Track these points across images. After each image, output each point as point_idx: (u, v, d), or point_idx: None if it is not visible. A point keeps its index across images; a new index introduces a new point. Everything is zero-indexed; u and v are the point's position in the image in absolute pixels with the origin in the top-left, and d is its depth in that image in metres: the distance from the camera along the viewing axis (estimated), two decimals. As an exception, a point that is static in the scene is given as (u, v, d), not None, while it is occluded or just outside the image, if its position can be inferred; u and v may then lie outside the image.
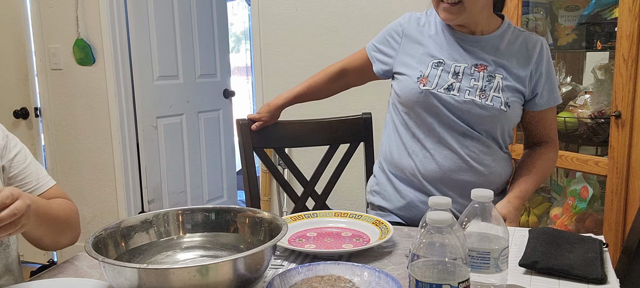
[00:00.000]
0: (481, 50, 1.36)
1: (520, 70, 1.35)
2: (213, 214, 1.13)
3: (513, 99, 1.35)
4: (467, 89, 1.33)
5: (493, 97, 1.32)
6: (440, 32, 1.40)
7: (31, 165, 1.17)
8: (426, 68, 1.36)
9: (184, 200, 3.44)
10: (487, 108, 1.32)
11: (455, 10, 1.29)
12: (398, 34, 1.44)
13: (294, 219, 1.29)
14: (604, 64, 1.89)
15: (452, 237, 0.77)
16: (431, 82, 1.34)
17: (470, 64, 1.35)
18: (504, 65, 1.35)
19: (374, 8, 2.48)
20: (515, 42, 1.38)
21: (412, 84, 1.36)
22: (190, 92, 3.41)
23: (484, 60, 1.35)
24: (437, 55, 1.37)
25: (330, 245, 1.15)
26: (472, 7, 1.29)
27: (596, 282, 0.93)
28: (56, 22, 2.98)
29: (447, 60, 1.36)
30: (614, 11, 1.84)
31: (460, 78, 1.34)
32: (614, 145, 1.72)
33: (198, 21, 3.40)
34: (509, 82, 1.34)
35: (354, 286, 0.91)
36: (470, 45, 1.37)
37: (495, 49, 1.37)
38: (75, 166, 3.14)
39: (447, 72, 1.35)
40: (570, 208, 1.96)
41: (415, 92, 1.35)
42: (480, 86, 1.33)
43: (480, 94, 1.33)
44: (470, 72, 1.34)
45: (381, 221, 1.24)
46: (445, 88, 1.33)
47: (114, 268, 0.84)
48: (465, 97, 1.33)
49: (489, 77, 1.34)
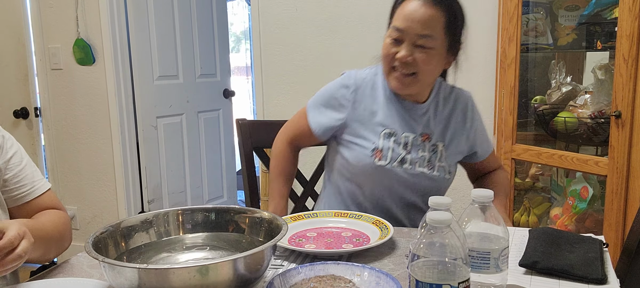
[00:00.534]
0: (424, 118, 1.36)
1: (458, 134, 1.39)
2: (213, 214, 1.13)
3: (452, 163, 1.39)
4: (417, 160, 1.33)
5: (438, 167, 1.35)
6: (389, 100, 1.35)
7: (27, 168, 1.15)
8: (379, 139, 1.33)
9: (184, 200, 3.44)
10: (434, 179, 1.34)
11: (407, 81, 1.28)
12: (346, 98, 1.36)
13: (294, 219, 1.29)
14: (604, 63, 1.89)
15: (452, 237, 0.76)
16: (386, 156, 1.32)
17: (417, 134, 1.35)
18: (444, 132, 1.38)
19: (374, 8, 2.48)
20: (449, 101, 1.40)
21: (366, 158, 1.32)
22: (190, 92, 3.41)
23: (428, 129, 1.36)
24: (389, 125, 1.34)
25: (330, 245, 1.15)
26: (424, 79, 1.29)
27: (596, 282, 0.93)
28: (56, 21, 2.98)
29: (398, 130, 1.34)
30: (614, 11, 1.83)
31: (409, 149, 1.33)
32: (614, 145, 1.72)
33: (198, 21, 3.40)
34: (449, 149, 1.38)
35: (354, 286, 0.91)
36: (416, 114, 1.36)
37: (435, 115, 1.38)
38: (75, 166, 3.14)
39: (398, 143, 1.33)
40: (571, 209, 1.96)
41: (370, 167, 1.32)
42: (427, 157, 1.34)
43: (428, 165, 1.34)
44: (418, 143, 1.34)
45: (381, 221, 1.24)
46: (398, 161, 1.32)
47: (114, 268, 0.84)
48: (416, 170, 1.33)
49: (433, 147, 1.36)
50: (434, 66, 1.28)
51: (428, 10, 1.23)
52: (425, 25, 1.23)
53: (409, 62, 1.25)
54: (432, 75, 1.30)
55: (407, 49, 1.25)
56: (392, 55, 1.27)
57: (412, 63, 1.25)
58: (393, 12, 1.30)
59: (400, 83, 1.28)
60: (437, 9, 1.23)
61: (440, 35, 1.25)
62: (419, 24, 1.23)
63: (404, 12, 1.25)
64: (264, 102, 2.76)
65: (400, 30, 1.25)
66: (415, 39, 1.24)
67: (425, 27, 1.23)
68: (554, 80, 2.07)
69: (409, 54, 1.25)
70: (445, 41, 1.27)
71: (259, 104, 2.76)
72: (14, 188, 1.13)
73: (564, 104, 2.01)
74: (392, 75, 1.30)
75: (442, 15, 1.24)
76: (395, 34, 1.27)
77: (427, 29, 1.23)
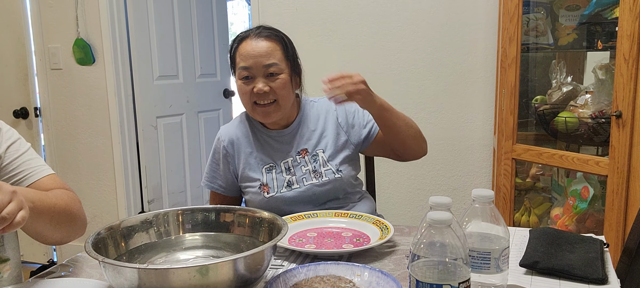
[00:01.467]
0: (296, 138, 1.47)
1: (332, 133, 1.47)
2: (213, 214, 1.13)
3: (341, 160, 1.45)
4: (303, 177, 1.44)
5: (325, 171, 1.44)
6: (259, 138, 1.48)
7: (27, 154, 1.13)
8: (262, 175, 1.44)
9: (184, 200, 3.44)
10: (324, 184, 1.42)
11: (272, 110, 1.39)
12: (227, 152, 1.48)
13: (294, 219, 1.29)
14: (604, 63, 1.88)
15: (452, 237, 0.76)
16: (272, 188, 1.43)
17: (294, 155, 1.46)
18: (319, 139, 1.47)
19: (374, 8, 2.48)
20: (315, 112, 1.51)
21: (257, 195, 1.44)
22: (190, 91, 3.40)
23: (302, 146, 1.47)
24: (265, 159, 1.46)
25: (330, 245, 1.15)
26: (284, 103, 1.40)
27: (597, 282, 0.93)
28: (56, 21, 2.98)
29: (275, 161, 1.46)
30: (614, 11, 1.83)
31: (292, 171, 1.44)
32: (614, 145, 1.72)
33: (198, 21, 3.40)
34: (330, 151, 1.46)
35: (354, 286, 0.90)
36: (285, 139, 1.47)
37: (305, 129, 1.48)
38: (75, 166, 3.14)
39: (280, 171, 1.45)
40: (571, 209, 1.96)
41: (263, 201, 1.43)
42: (311, 168, 1.44)
43: (314, 175, 1.44)
44: (298, 161, 1.45)
45: (381, 221, 1.24)
46: (285, 186, 1.43)
47: (114, 268, 0.84)
48: (305, 185, 1.43)
49: (313, 157, 1.46)
50: (288, 90, 1.40)
51: (265, 43, 1.38)
52: (268, 56, 1.36)
53: (267, 91, 1.37)
54: (289, 98, 1.41)
55: (261, 82, 1.37)
56: (249, 93, 1.39)
57: (269, 91, 1.37)
58: (234, 59, 1.43)
59: (266, 114, 1.40)
60: (271, 41, 1.39)
61: (282, 61, 1.39)
62: (263, 57, 1.36)
63: (245, 52, 1.38)
64: (264, 102, 2.76)
65: (249, 68, 1.37)
66: (264, 71, 1.37)
67: (269, 57, 1.36)
68: (555, 80, 2.06)
69: (264, 85, 1.36)
70: (288, 66, 1.41)
71: (259, 103, 2.76)
72: (12, 171, 1.10)
73: (565, 103, 2.01)
74: (256, 111, 1.41)
75: (276, 45, 1.39)
76: (245, 73, 1.38)
77: (270, 58, 1.37)
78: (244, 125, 1.50)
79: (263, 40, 1.38)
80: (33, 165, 1.13)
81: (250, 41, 1.38)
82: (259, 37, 1.38)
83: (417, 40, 2.48)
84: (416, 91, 2.51)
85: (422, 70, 2.49)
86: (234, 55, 1.42)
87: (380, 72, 2.52)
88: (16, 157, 1.11)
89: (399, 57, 2.51)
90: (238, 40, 1.42)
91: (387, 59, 2.52)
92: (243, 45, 1.39)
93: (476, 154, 2.51)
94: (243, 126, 1.50)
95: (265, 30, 1.41)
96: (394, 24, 2.48)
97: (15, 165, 1.10)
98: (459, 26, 2.41)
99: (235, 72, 1.42)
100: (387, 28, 2.49)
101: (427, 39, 2.46)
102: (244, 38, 1.40)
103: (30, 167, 1.12)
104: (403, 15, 2.46)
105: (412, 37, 2.48)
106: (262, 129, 1.48)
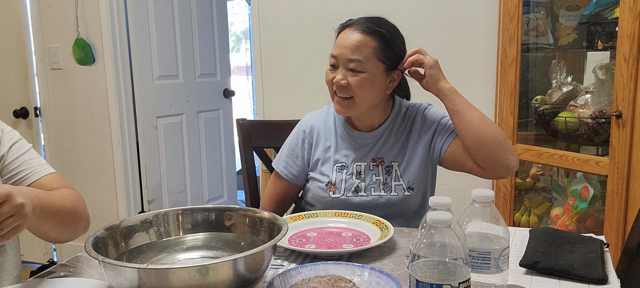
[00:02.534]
0: (376, 145, 1.42)
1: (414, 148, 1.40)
2: (213, 214, 1.13)
3: (413, 179, 1.39)
4: (371, 186, 1.39)
5: (395, 186, 1.39)
6: (341, 134, 1.45)
7: (28, 154, 1.14)
8: (332, 173, 1.42)
9: (184, 200, 3.44)
10: (392, 200, 1.38)
11: (346, 105, 1.35)
12: (305, 141, 1.47)
13: (294, 219, 1.29)
14: (604, 63, 1.89)
15: (452, 237, 0.76)
16: (339, 188, 1.40)
17: (368, 161, 1.41)
18: (400, 151, 1.41)
19: (374, 8, 2.48)
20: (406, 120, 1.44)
21: (322, 192, 1.42)
22: (190, 91, 3.40)
23: (379, 154, 1.42)
24: (340, 159, 1.43)
25: (330, 245, 1.15)
26: (361, 102, 1.34)
27: (597, 282, 0.93)
28: (56, 21, 2.98)
29: (348, 162, 1.42)
30: (614, 11, 1.83)
31: (363, 177, 1.40)
32: (614, 145, 1.72)
33: (198, 20, 3.40)
34: (407, 166, 1.40)
35: (354, 286, 0.90)
36: (365, 143, 1.42)
37: (390, 138, 1.42)
38: (75, 166, 3.14)
39: (351, 174, 1.41)
40: (571, 209, 1.96)
41: (326, 200, 1.41)
42: (382, 180, 1.40)
43: (383, 187, 1.39)
44: (370, 169, 1.41)
45: (381, 221, 1.24)
46: (352, 191, 1.40)
47: (114, 268, 0.84)
48: (371, 194, 1.39)
49: (387, 168, 1.40)
50: (368, 89, 1.33)
51: (357, 36, 1.32)
52: (354, 50, 1.31)
53: (344, 86, 1.32)
54: (369, 98, 1.35)
55: (341, 73, 1.33)
56: (331, 81, 1.36)
57: (346, 86, 1.32)
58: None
59: (341, 106, 1.36)
60: (366, 35, 1.32)
61: (371, 59, 1.31)
62: (348, 50, 1.31)
63: (339, 40, 1.35)
64: (264, 102, 2.76)
65: (335, 57, 1.34)
66: (347, 63, 1.32)
67: (354, 52, 1.31)
68: (555, 80, 2.06)
69: (342, 77, 1.32)
70: (380, 65, 1.33)
71: (259, 103, 2.76)
72: (14, 170, 1.11)
73: (565, 103, 2.01)
74: (334, 100, 1.38)
75: (371, 40, 1.32)
76: (332, 60, 1.36)
77: (355, 54, 1.31)
78: (329, 116, 1.48)
79: (359, 32, 1.32)
80: (34, 164, 1.14)
81: (349, 30, 1.34)
82: (357, 28, 1.33)
83: (417, 40, 2.48)
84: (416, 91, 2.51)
85: (422, 70, 2.49)
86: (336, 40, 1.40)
87: (380, 72, 2.52)
88: (18, 156, 1.12)
89: (399, 57, 2.51)
90: (342, 26, 1.39)
91: (387, 58, 2.52)
92: (342, 34, 1.36)
93: (476, 154, 2.51)
94: (328, 117, 1.48)
95: (367, 22, 1.35)
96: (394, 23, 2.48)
97: (17, 163, 1.12)
98: (459, 26, 2.41)
99: None
100: (387, 28, 2.49)
101: (427, 39, 2.46)
102: (347, 25, 1.37)
103: (32, 166, 1.13)
104: (403, 16, 2.46)
105: (412, 37, 2.48)
106: (345, 125, 1.44)
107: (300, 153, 1.47)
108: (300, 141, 1.47)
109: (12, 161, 1.11)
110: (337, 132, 1.45)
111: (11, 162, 1.11)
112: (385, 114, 1.43)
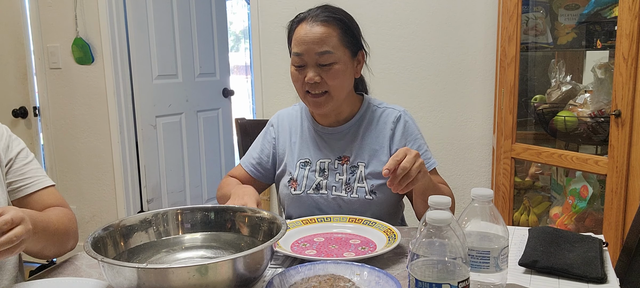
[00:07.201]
0: (342, 141, 1.39)
1: (381, 153, 1.36)
2: (212, 213, 1.13)
3: (379, 184, 1.34)
4: (333, 185, 1.37)
5: (357, 188, 1.35)
6: (307, 130, 1.43)
7: (32, 163, 1.19)
8: (295, 170, 1.40)
9: (183, 200, 3.43)
10: (352, 201, 1.35)
11: (322, 101, 1.32)
12: (271, 135, 1.48)
13: (305, 222, 1.27)
14: (603, 62, 1.89)
15: (452, 236, 0.76)
16: (300, 185, 1.38)
17: (333, 159, 1.39)
18: (367, 152, 1.37)
19: (373, 8, 2.48)
20: (376, 120, 1.40)
21: (285, 188, 1.41)
22: (189, 91, 3.40)
23: (346, 152, 1.39)
24: (304, 155, 1.41)
25: (332, 252, 1.12)
26: (337, 94, 1.32)
27: (596, 282, 0.93)
28: (55, 21, 2.98)
29: (312, 158, 1.40)
30: (613, 10, 1.83)
31: (326, 174, 1.38)
32: (613, 144, 1.72)
33: (197, 20, 3.39)
34: (371, 169, 1.36)
35: (353, 286, 0.90)
36: (332, 139, 1.40)
37: (355, 136, 1.39)
38: (74, 165, 3.14)
39: (314, 171, 1.39)
40: (570, 208, 1.96)
41: (288, 196, 1.40)
42: (345, 180, 1.37)
43: (345, 188, 1.36)
44: (335, 167, 1.38)
45: (392, 230, 1.20)
46: (313, 188, 1.38)
47: (113, 267, 0.84)
48: (333, 194, 1.36)
49: (352, 168, 1.37)
50: (341, 79, 1.31)
51: (319, 28, 1.29)
52: (321, 43, 1.28)
53: (317, 82, 1.30)
54: (343, 88, 1.33)
55: (313, 70, 1.30)
56: (301, 81, 1.32)
57: (320, 83, 1.30)
58: (290, 42, 1.36)
59: (317, 104, 1.33)
60: (328, 25, 1.29)
61: (338, 48, 1.30)
62: (315, 44, 1.28)
63: (298, 37, 1.30)
64: (263, 101, 2.76)
65: (300, 55, 1.30)
66: (316, 59, 1.29)
67: (322, 44, 1.28)
68: (554, 79, 2.06)
69: (315, 75, 1.29)
70: (346, 51, 1.32)
71: (259, 103, 2.76)
72: (17, 180, 1.16)
73: (564, 103, 2.01)
74: (307, 100, 1.35)
75: (334, 29, 1.29)
76: (297, 60, 1.32)
77: (324, 46, 1.28)
78: (297, 112, 1.47)
79: (319, 24, 1.28)
80: (39, 174, 1.19)
81: (306, 25, 1.30)
82: (315, 20, 1.29)
83: (416, 39, 2.48)
84: (416, 90, 2.51)
85: (422, 69, 2.49)
86: (290, 37, 1.35)
87: (380, 72, 2.52)
88: (24, 164, 1.18)
89: (398, 57, 2.51)
90: (295, 22, 1.34)
91: (386, 58, 2.52)
92: (299, 29, 1.31)
93: (475, 153, 2.51)
94: (297, 113, 1.47)
95: (323, 12, 1.31)
96: (394, 23, 2.48)
97: (23, 171, 1.17)
98: (459, 25, 2.41)
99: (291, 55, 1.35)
100: (387, 28, 2.49)
101: (426, 38, 2.46)
102: (301, 20, 1.32)
103: (36, 176, 1.19)
104: (402, 15, 2.46)
105: (412, 36, 2.48)
106: (312, 120, 1.43)
107: (261, 146, 1.48)
108: (265, 134, 1.49)
109: (19, 167, 1.17)
110: (303, 126, 1.44)
111: (18, 167, 1.17)
112: (352, 109, 1.41)
